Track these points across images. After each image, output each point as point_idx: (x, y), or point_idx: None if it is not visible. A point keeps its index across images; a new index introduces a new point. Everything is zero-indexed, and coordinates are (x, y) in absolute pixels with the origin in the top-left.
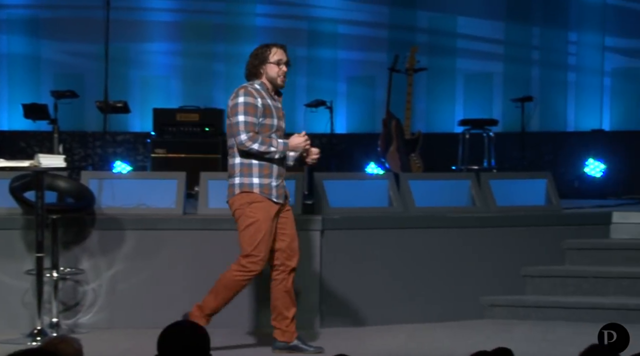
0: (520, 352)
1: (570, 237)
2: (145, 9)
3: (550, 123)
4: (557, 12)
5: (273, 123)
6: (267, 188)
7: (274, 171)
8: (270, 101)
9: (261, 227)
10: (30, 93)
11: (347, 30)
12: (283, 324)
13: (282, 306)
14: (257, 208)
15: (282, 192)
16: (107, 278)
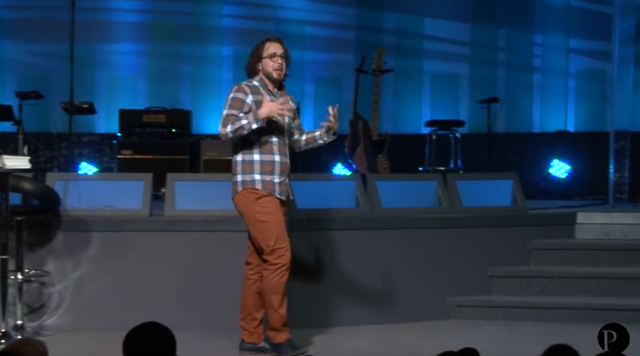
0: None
1: (536, 237)
2: (110, 10)
3: (516, 124)
4: (522, 14)
5: (270, 119)
6: (270, 185)
7: (276, 168)
8: (268, 97)
9: (274, 219)
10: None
11: (314, 31)
12: (251, 325)
13: (252, 306)
14: (265, 202)
15: (285, 189)
16: (72, 280)
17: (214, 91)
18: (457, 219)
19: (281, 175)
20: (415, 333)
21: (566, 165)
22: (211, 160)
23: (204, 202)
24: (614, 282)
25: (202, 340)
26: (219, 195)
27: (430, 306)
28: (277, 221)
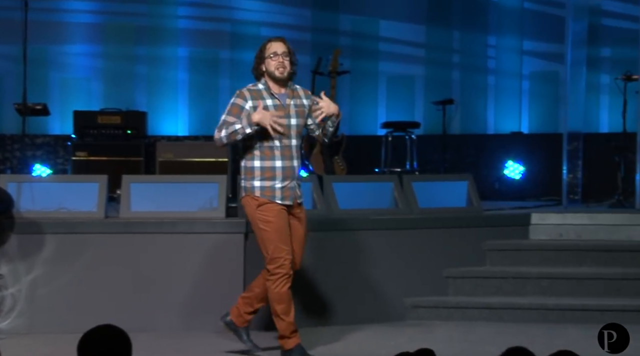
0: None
1: (491, 238)
2: (64, 11)
3: (471, 125)
4: (476, 16)
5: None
6: (269, 191)
7: (277, 173)
8: (271, 101)
9: (273, 227)
10: None
11: (270, 32)
12: (244, 309)
13: (256, 296)
14: (265, 210)
15: (290, 194)
16: (26, 282)
17: (169, 92)
18: (413, 220)
19: (284, 180)
20: (371, 334)
21: (520, 167)
22: (167, 161)
23: (160, 204)
24: (568, 282)
25: (158, 342)
26: (174, 197)
27: (387, 307)
28: (276, 229)
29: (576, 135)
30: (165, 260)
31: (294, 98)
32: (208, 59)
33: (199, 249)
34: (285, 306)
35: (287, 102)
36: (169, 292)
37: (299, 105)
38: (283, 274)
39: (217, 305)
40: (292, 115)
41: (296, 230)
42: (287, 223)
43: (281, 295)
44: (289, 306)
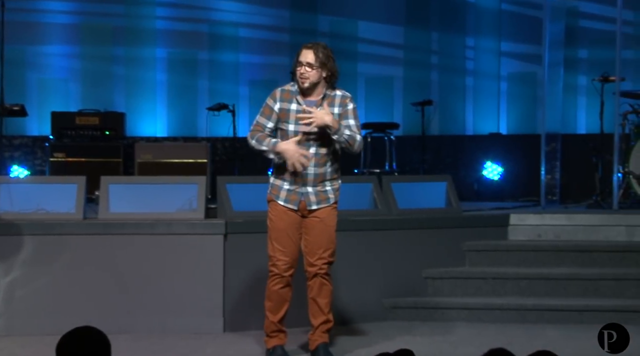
0: (422, 353)
1: (470, 239)
2: (41, 11)
3: (450, 126)
4: (454, 18)
5: (287, 128)
6: (276, 190)
7: (287, 176)
8: (295, 105)
9: (273, 226)
10: None
11: (249, 33)
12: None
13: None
14: (271, 207)
15: (296, 199)
16: (4, 284)
17: (148, 93)
18: (392, 221)
19: (293, 184)
20: (351, 335)
21: (499, 167)
22: (145, 162)
23: (139, 205)
24: (546, 283)
25: (137, 344)
26: (153, 198)
27: (366, 308)
28: (275, 228)
29: (554, 136)
30: (144, 261)
31: (321, 107)
32: (186, 59)
33: (178, 250)
34: (273, 305)
35: (302, 152)
36: (148, 293)
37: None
38: (275, 273)
39: (196, 307)
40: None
41: (311, 231)
42: (289, 225)
43: (271, 293)
44: (278, 306)
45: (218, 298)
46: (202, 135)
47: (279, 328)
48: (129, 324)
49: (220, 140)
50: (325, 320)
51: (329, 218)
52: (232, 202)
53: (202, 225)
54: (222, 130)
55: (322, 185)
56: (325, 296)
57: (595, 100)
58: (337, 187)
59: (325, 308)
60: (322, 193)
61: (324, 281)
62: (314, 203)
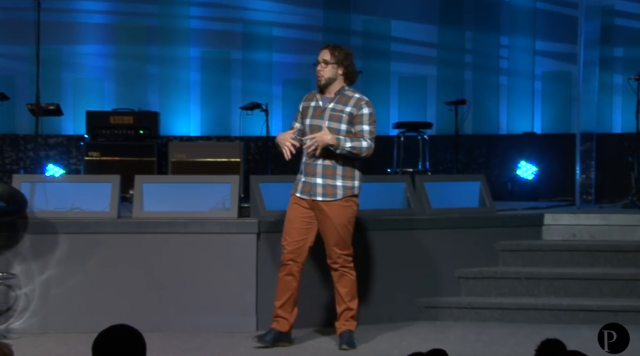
0: (455, 353)
1: (504, 239)
2: (77, 11)
3: (483, 126)
4: (488, 17)
5: (305, 122)
6: (296, 183)
7: (302, 168)
8: (314, 103)
9: (286, 217)
10: None
11: (282, 33)
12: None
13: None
14: (290, 199)
15: (309, 189)
16: (40, 282)
17: (181, 92)
18: (425, 220)
19: (306, 175)
20: (384, 334)
21: (533, 167)
22: (179, 162)
23: (172, 204)
24: (581, 283)
25: (170, 342)
26: (187, 197)
27: (399, 308)
28: (287, 219)
29: (589, 135)
30: (178, 260)
31: (334, 103)
32: (220, 59)
33: (211, 249)
34: (278, 291)
35: (326, 105)
36: (181, 292)
37: (337, 110)
38: (281, 261)
39: (229, 305)
40: (325, 117)
41: (322, 225)
42: (297, 216)
43: (278, 279)
44: (281, 292)
45: (251, 297)
46: (236, 135)
47: (279, 314)
48: (162, 322)
49: (253, 139)
50: (345, 308)
51: (338, 216)
52: (265, 201)
53: (235, 224)
54: (255, 129)
55: (333, 179)
56: (345, 285)
57: (631, 99)
58: (350, 185)
59: (345, 296)
60: (331, 187)
61: (342, 272)
62: (320, 195)
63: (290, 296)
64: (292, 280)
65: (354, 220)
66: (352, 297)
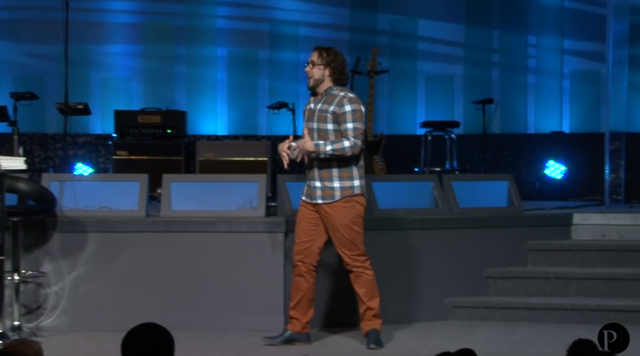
0: (483, 353)
1: (532, 238)
2: (104, 11)
3: (511, 125)
4: (516, 15)
5: (306, 125)
6: (304, 186)
7: (306, 172)
8: (310, 106)
9: (296, 219)
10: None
11: (309, 32)
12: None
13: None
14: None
15: (311, 193)
16: (69, 280)
17: (208, 92)
18: (453, 220)
19: (309, 180)
20: (412, 334)
21: (562, 166)
22: (207, 161)
23: (200, 203)
24: (610, 283)
25: (198, 341)
26: (214, 196)
27: (427, 307)
28: (297, 220)
29: (618, 134)
30: (206, 259)
31: (321, 103)
32: (247, 58)
33: (238, 248)
34: (291, 292)
35: (314, 107)
36: (209, 291)
37: (323, 110)
38: (292, 262)
39: (257, 304)
40: (314, 119)
41: (328, 228)
42: (303, 219)
43: (292, 282)
44: (293, 293)
45: (278, 296)
46: (263, 134)
47: (291, 314)
48: (190, 321)
49: (280, 138)
50: (366, 308)
51: (339, 218)
52: (292, 200)
53: (262, 223)
54: (282, 128)
55: (330, 181)
56: (361, 286)
57: None
58: (348, 185)
59: (364, 297)
60: (329, 189)
61: (357, 273)
62: (319, 198)
63: (302, 297)
64: (302, 281)
65: (359, 220)
66: (371, 297)
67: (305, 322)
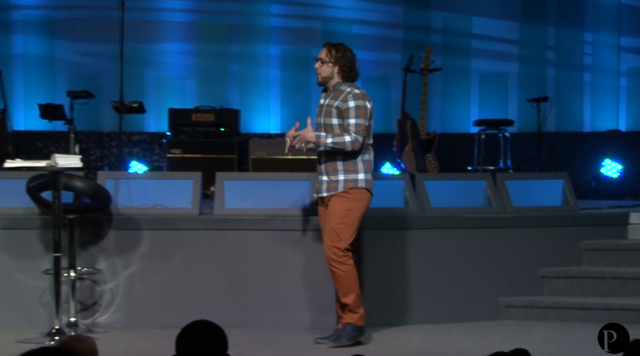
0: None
1: (588, 238)
2: (159, 10)
3: (566, 123)
4: (572, 13)
5: (317, 120)
6: None
7: (316, 168)
8: (322, 100)
9: None
10: (46, 94)
11: (362, 30)
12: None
13: None
14: None
15: (319, 187)
16: (124, 278)
17: (262, 90)
18: (507, 219)
19: (318, 175)
20: (465, 333)
21: (618, 165)
22: (260, 159)
23: (253, 201)
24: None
25: (251, 339)
26: (268, 194)
27: (481, 307)
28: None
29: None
30: (259, 256)
31: (329, 99)
32: (300, 56)
33: (292, 246)
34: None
35: (323, 102)
36: (262, 289)
37: (330, 105)
38: None
39: (310, 302)
40: (321, 114)
41: (326, 222)
42: (321, 216)
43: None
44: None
45: (331, 294)
46: None
47: (338, 312)
48: (243, 318)
49: None
50: (341, 304)
51: (333, 205)
52: None
53: (315, 221)
54: None
55: (335, 175)
56: (335, 280)
57: None
58: (352, 178)
59: (339, 292)
60: (333, 183)
61: (331, 267)
62: (325, 191)
63: (336, 293)
64: (331, 274)
65: (352, 213)
66: (346, 293)
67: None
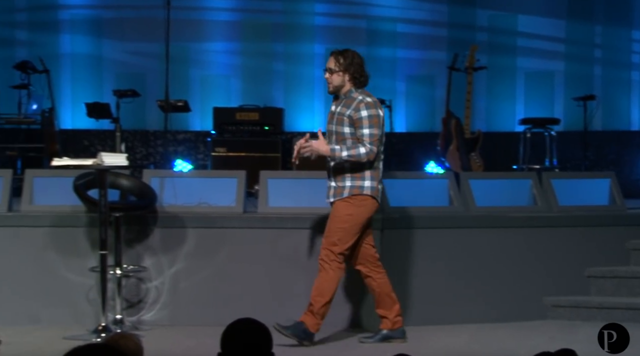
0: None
1: (635, 237)
2: (205, 9)
3: (614, 122)
4: (620, 10)
5: (327, 127)
6: None
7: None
8: (333, 107)
9: None
10: (93, 93)
11: (406, 28)
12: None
13: None
14: None
15: (328, 193)
16: (169, 275)
17: (306, 89)
18: (552, 218)
19: (328, 180)
20: (510, 332)
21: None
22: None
23: (297, 200)
24: None
25: None
26: (311, 193)
27: (527, 306)
28: None
29: None
30: (303, 254)
31: (340, 106)
32: None
33: None
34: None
35: (335, 110)
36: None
37: (341, 113)
38: None
39: (352, 301)
40: (332, 122)
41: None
42: None
43: None
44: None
45: None
46: None
47: (379, 313)
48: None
49: None
50: (310, 302)
51: (335, 209)
52: (389, 197)
53: None
54: None
55: (342, 180)
56: (318, 279)
57: None
58: (358, 184)
59: (314, 291)
60: (340, 188)
61: (321, 266)
62: (331, 196)
63: (378, 295)
64: (370, 281)
65: (353, 218)
66: (318, 294)
67: (393, 317)
